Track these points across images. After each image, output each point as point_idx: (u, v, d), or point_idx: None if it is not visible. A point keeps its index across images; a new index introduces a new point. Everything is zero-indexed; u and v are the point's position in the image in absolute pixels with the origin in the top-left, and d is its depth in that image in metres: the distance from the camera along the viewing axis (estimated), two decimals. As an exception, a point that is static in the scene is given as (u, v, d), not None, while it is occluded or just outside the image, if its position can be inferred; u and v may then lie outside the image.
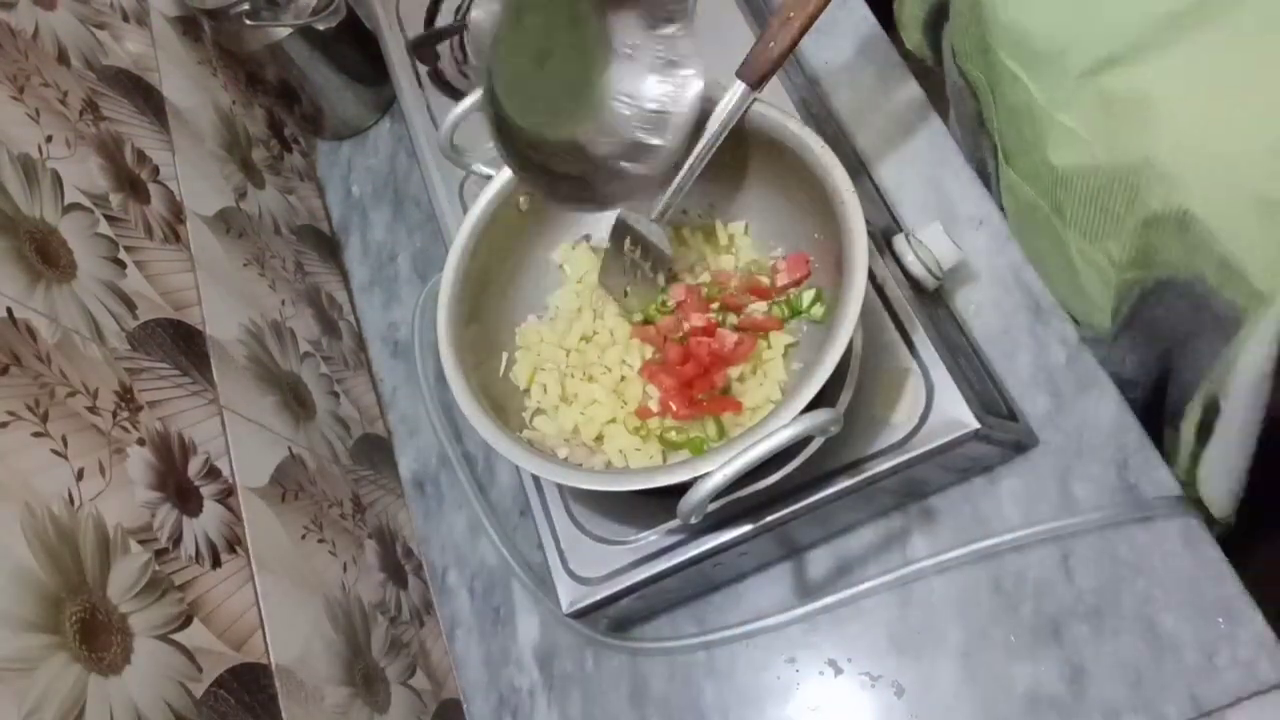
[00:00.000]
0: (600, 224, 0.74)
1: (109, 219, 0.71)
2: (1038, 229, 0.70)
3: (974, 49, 0.70)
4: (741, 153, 0.67)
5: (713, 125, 0.63)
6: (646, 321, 0.70)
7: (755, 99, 0.63)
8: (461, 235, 0.69)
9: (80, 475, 0.55)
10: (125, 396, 0.62)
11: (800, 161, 0.62)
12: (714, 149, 0.64)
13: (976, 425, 0.62)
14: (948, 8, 0.76)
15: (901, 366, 0.65)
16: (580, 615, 0.69)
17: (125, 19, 0.90)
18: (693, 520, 0.54)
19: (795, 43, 0.61)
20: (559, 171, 0.64)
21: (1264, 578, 0.65)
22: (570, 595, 0.68)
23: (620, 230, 0.69)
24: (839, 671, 0.70)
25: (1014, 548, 0.67)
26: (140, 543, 0.56)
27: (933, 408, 0.63)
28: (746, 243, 0.72)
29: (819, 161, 0.60)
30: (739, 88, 0.62)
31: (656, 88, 0.61)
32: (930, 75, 0.88)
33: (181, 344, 0.72)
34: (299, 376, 0.87)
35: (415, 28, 1.01)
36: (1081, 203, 0.63)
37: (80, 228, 0.67)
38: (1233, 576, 0.63)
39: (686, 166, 0.64)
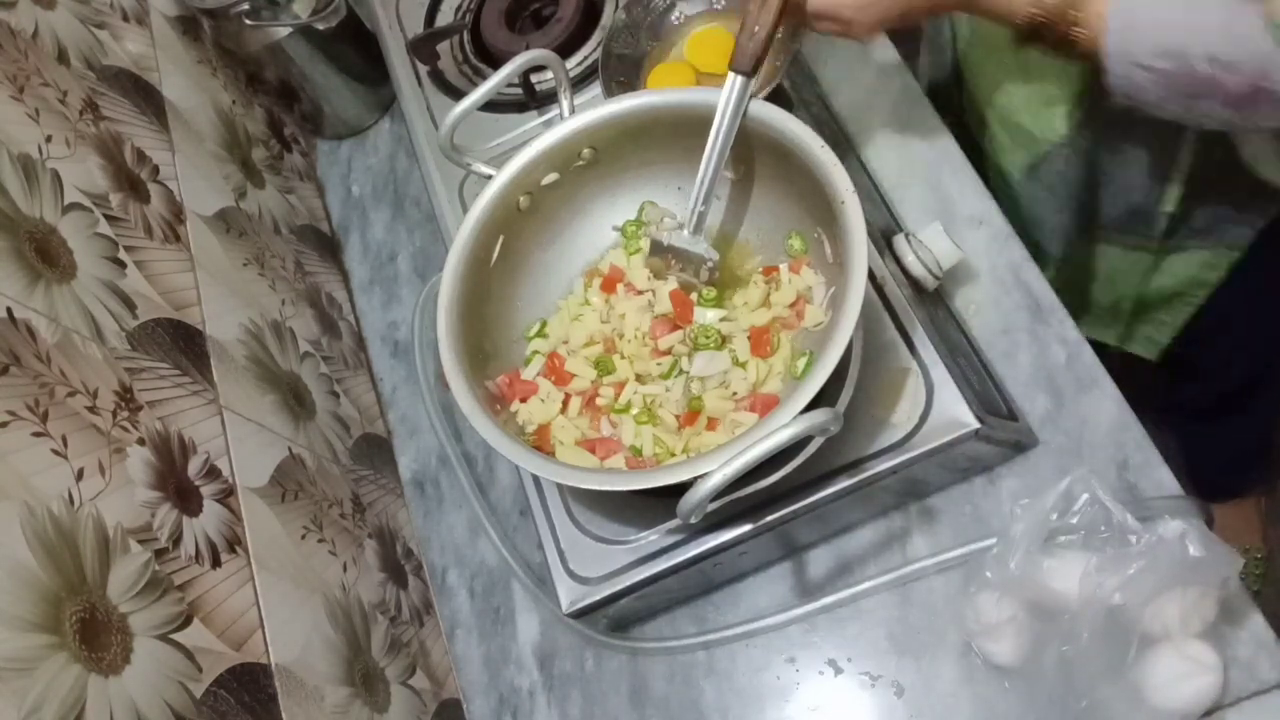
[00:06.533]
0: (596, 231, 0.74)
1: (109, 219, 0.71)
2: None
3: None
4: (743, 155, 0.67)
5: (718, 122, 0.63)
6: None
7: (752, 95, 0.63)
8: (461, 235, 0.69)
9: (80, 475, 0.54)
10: (125, 396, 0.62)
11: (800, 161, 0.62)
12: (727, 146, 0.64)
13: (976, 425, 0.62)
14: None
15: (901, 366, 0.65)
16: (580, 615, 0.69)
17: (125, 19, 0.90)
18: (693, 520, 0.54)
19: (778, 21, 0.61)
20: None
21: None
22: (570, 595, 0.68)
23: (657, 250, 0.69)
24: (839, 671, 0.70)
25: (1014, 548, 0.67)
26: (140, 542, 0.56)
27: (932, 407, 0.63)
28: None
29: (819, 161, 0.60)
30: (734, 80, 0.62)
31: None
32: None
33: (181, 344, 0.72)
34: (299, 376, 0.87)
35: (415, 28, 1.01)
36: None
37: (80, 227, 0.67)
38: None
39: (702, 168, 0.64)
